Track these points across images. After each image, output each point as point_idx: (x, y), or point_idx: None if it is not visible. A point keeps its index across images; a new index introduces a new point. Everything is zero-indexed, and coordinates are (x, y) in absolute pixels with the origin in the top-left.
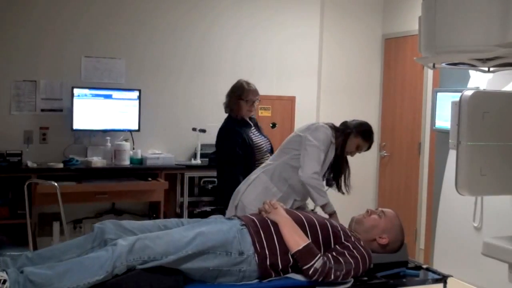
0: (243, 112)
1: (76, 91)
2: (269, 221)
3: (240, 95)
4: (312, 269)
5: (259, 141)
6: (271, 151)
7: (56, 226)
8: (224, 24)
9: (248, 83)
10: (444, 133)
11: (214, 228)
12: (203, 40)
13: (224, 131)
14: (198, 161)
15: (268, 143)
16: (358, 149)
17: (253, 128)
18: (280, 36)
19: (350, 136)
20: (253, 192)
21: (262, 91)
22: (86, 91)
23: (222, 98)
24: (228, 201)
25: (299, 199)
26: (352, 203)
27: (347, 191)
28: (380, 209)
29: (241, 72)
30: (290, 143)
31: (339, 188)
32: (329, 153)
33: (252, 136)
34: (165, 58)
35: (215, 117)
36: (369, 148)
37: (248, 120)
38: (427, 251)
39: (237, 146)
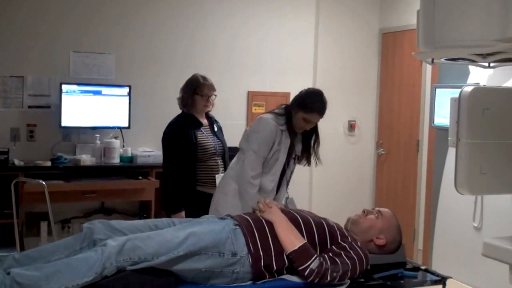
0: (199, 107)
1: (64, 87)
2: (263, 220)
3: (195, 90)
4: (308, 270)
5: (205, 142)
6: (223, 155)
7: (43, 226)
8: (216, 18)
9: (204, 78)
10: (443, 130)
11: (207, 228)
12: (195, 35)
13: (167, 128)
14: None
15: (221, 145)
16: (307, 121)
17: (205, 127)
18: (275, 31)
19: (292, 114)
20: (223, 198)
21: (256, 87)
22: (75, 87)
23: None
24: (167, 202)
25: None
26: (348, 202)
27: (317, 163)
28: (376, 208)
29: (234, 68)
30: (242, 142)
31: (309, 162)
32: (282, 143)
33: (199, 135)
34: (156, 53)
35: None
36: (320, 114)
37: (201, 117)
38: (425, 251)
39: (176, 144)
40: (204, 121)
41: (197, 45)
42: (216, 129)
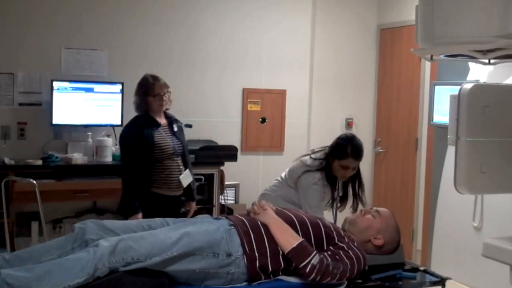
0: (154, 107)
1: (55, 84)
2: (259, 222)
3: (146, 92)
4: (309, 266)
5: (162, 142)
6: (183, 155)
7: (34, 226)
8: (211, 14)
9: (154, 77)
10: (443, 128)
11: (201, 228)
12: (189, 32)
13: (124, 129)
14: None
15: (180, 145)
16: (345, 168)
17: (163, 127)
18: (270, 27)
19: (330, 165)
20: None
21: (251, 84)
22: (66, 84)
23: (209, 92)
24: (123, 203)
25: None
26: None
27: (363, 204)
28: (374, 208)
29: (229, 65)
30: (289, 178)
31: (354, 208)
32: (327, 194)
33: (157, 135)
34: (150, 49)
35: (202, 111)
36: (354, 157)
37: (159, 117)
38: (424, 252)
39: (132, 145)
40: (163, 121)
41: (192, 42)
42: (176, 129)
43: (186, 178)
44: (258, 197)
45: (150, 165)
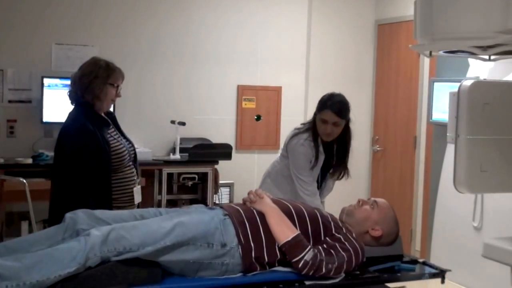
0: (108, 101)
1: (46, 81)
2: (255, 211)
3: (107, 77)
4: (302, 262)
5: (119, 147)
6: (135, 160)
7: (24, 225)
8: (205, 9)
9: (113, 64)
10: (442, 126)
11: (195, 218)
12: (182, 27)
13: (73, 131)
14: (177, 156)
15: (132, 148)
16: (324, 122)
17: (111, 127)
18: (265, 22)
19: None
20: None
21: (246, 81)
22: (57, 81)
23: (203, 89)
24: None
25: None
26: (343, 201)
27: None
28: (372, 199)
29: (223, 61)
30: (283, 150)
31: (339, 175)
32: (319, 157)
33: (110, 139)
34: (142, 45)
35: (196, 109)
36: (333, 111)
37: (104, 115)
38: (423, 252)
39: (89, 153)
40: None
41: (185, 37)
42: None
43: (139, 192)
44: (262, 177)
45: (106, 175)
